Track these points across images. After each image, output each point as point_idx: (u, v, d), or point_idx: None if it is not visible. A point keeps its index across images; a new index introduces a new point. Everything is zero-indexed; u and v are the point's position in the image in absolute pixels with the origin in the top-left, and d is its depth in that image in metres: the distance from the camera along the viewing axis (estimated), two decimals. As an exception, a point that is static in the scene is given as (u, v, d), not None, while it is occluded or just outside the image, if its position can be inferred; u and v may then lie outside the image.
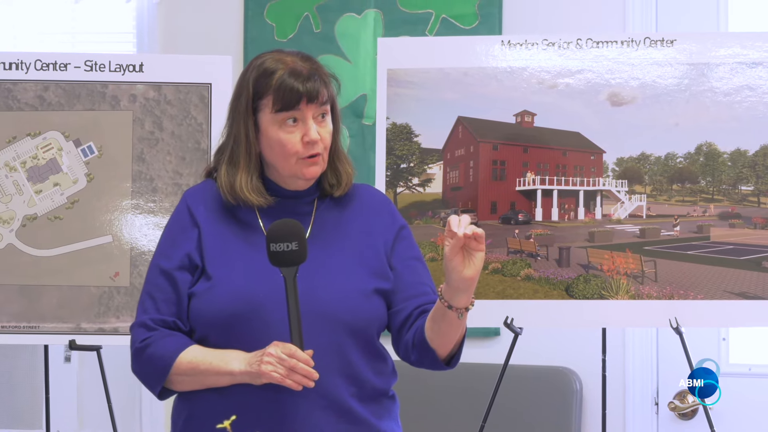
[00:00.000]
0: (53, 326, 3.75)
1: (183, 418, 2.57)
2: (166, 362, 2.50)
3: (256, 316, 2.46)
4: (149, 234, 3.77)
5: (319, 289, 2.49)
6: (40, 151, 3.79)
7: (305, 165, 2.54)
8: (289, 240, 2.42)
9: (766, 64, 3.63)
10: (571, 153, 3.72)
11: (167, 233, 2.62)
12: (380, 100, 3.74)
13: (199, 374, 2.50)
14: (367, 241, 2.59)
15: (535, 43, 3.71)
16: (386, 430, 2.57)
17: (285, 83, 2.52)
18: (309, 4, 4.58)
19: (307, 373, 2.39)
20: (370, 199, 2.67)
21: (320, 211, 2.61)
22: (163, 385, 2.53)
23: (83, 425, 4.69)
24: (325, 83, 2.55)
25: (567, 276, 3.67)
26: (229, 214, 2.59)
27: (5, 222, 3.77)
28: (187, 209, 2.61)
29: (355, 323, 2.50)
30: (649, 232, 3.69)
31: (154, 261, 2.60)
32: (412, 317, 2.54)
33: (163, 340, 2.52)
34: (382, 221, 2.63)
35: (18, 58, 3.81)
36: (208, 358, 2.49)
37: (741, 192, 3.68)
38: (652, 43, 3.67)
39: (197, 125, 3.81)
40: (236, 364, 2.46)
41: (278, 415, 2.46)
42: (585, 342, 4.16)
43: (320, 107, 2.54)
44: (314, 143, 2.53)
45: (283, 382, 2.40)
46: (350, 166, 2.63)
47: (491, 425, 3.71)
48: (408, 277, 2.58)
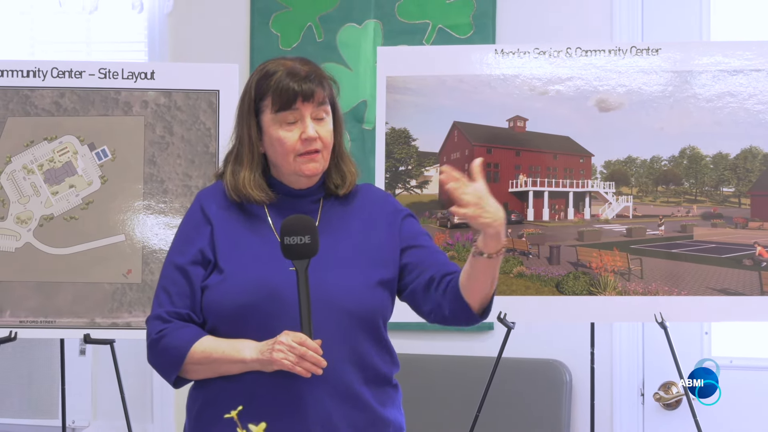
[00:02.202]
0: (69, 321, 3.74)
1: (198, 406, 2.58)
2: (181, 352, 2.51)
3: (267, 306, 2.48)
4: (160, 233, 3.77)
5: (328, 280, 2.50)
6: (56, 155, 3.79)
7: (304, 162, 2.55)
8: (302, 234, 2.43)
9: (747, 71, 3.63)
10: (561, 156, 3.71)
11: (181, 231, 2.64)
12: (380, 106, 3.74)
13: (212, 363, 2.51)
14: (371, 234, 2.60)
15: (527, 51, 3.70)
16: (390, 417, 2.58)
17: (282, 83, 2.54)
18: (312, 15, 4.58)
19: (316, 361, 2.40)
20: (372, 195, 2.69)
21: (326, 209, 2.62)
22: (177, 374, 2.54)
23: (97, 415, 4.69)
24: (322, 85, 2.56)
25: (557, 273, 3.67)
26: (239, 212, 2.61)
27: (23, 222, 3.76)
28: (200, 208, 2.63)
29: (361, 313, 2.51)
30: (636, 232, 3.69)
31: (169, 257, 2.61)
32: (438, 277, 2.55)
33: (177, 332, 2.53)
34: (385, 213, 2.64)
35: (36, 66, 3.81)
36: (221, 347, 2.50)
37: (722, 193, 3.68)
38: (638, 51, 3.67)
39: (206, 130, 3.80)
40: (248, 353, 2.47)
41: (288, 402, 2.47)
42: (574, 336, 4.16)
43: (318, 107, 2.55)
44: (312, 140, 2.53)
45: (293, 369, 2.41)
46: (354, 166, 2.65)
47: (485, 414, 3.71)
48: (426, 252, 2.60)
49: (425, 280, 2.56)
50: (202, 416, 2.57)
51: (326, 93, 2.57)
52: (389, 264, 2.58)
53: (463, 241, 3.72)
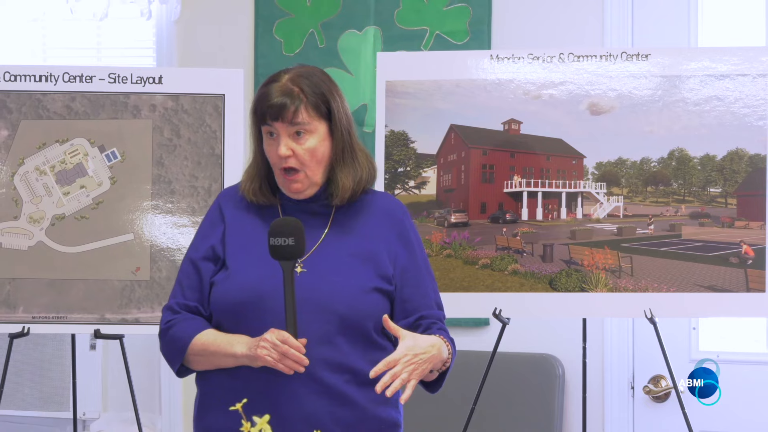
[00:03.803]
0: (80, 317, 3.74)
1: (199, 395, 2.62)
2: (184, 343, 2.54)
3: (259, 305, 2.49)
4: (168, 232, 3.77)
5: (323, 282, 2.50)
6: (67, 156, 3.79)
7: (286, 182, 2.56)
8: (286, 236, 2.43)
9: (733, 76, 3.63)
10: (554, 158, 3.71)
11: (200, 228, 2.68)
12: (379, 110, 3.73)
13: (209, 355, 2.53)
14: (374, 243, 2.59)
15: (521, 57, 3.70)
16: (384, 415, 2.56)
17: (257, 99, 2.56)
18: (314, 22, 4.58)
19: (298, 359, 2.41)
20: (385, 206, 2.66)
21: (338, 214, 2.61)
22: (181, 364, 2.57)
23: (107, 407, 4.69)
24: (297, 103, 2.52)
25: (550, 270, 3.67)
26: (254, 214, 2.62)
27: (36, 221, 3.76)
28: (218, 206, 2.66)
29: (349, 316, 2.49)
30: (626, 231, 3.68)
31: (187, 252, 2.66)
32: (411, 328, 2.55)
33: (183, 323, 2.56)
34: (390, 227, 2.62)
35: (48, 71, 3.81)
36: (218, 340, 2.52)
37: (710, 194, 3.68)
38: (628, 57, 3.67)
39: (212, 132, 3.80)
40: (239, 348, 2.48)
41: (276, 397, 2.47)
42: (567, 331, 4.16)
43: (291, 125, 2.52)
44: (281, 158, 2.53)
45: (276, 366, 2.42)
46: (349, 178, 2.58)
47: (481, 406, 3.71)
48: (409, 289, 2.58)
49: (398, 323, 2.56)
50: (202, 405, 2.60)
51: (308, 110, 2.53)
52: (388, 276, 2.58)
53: (459, 240, 3.72)
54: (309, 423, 2.44)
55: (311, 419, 2.45)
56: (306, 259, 2.54)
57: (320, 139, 2.55)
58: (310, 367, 2.44)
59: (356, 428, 2.51)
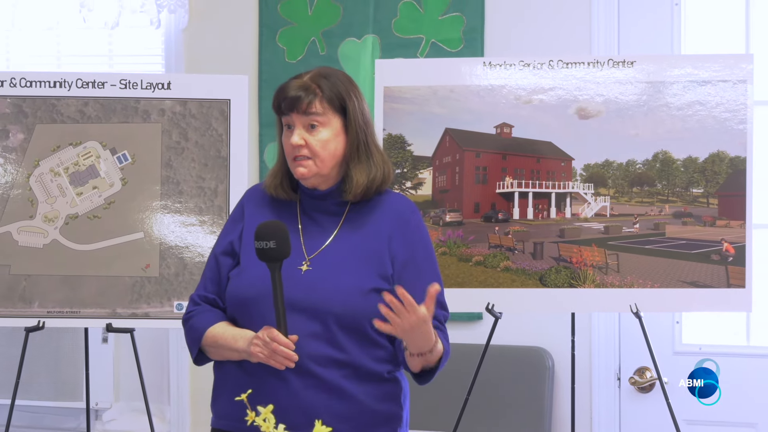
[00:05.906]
0: (92, 311, 3.74)
1: (215, 381, 2.63)
2: (199, 333, 2.56)
3: (267, 300, 2.47)
4: (176, 230, 3.77)
5: (323, 283, 2.49)
6: (80, 159, 3.79)
7: (295, 166, 2.55)
8: (268, 239, 2.42)
9: (715, 82, 3.63)
10: (544, 160, 3.71)
11: (226, 224, 2.68)
12: (377, 114, 3.73)
13: (218, 347, 2.54)
14: (379, 242, 2.56)
15: (513, 64, 3.70)
16: (383, 410, 2.54)
17: (276, 92, 2.56)
18: (315, 30, 4.57)
19: (287, 356, 2.41)
20: (395, 206, 2.62)
21: (350, 213, 2.59)
22: (198, 352, 2.59)
23: (118, 397, 4.69)
24: (312, 95, 2.52)
25: (541, 267, 3.67)
26: (273, 211, 2.60)
27: (50, 220, 3.76)
28: (241, 204, 2.67)
29: (345, 316, 2.47)
30: (613, 229, 3.69)
31: (213, 246, 2.66)
32: None
33: (201, 315, 2.57)
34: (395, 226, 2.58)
35: (62, 78, 3.81)
36: (225, 335, 2.53)
37: (692, 194, 3.68)
38: (614, 64, 3.67)
39: (218, 136, 3.80)
40: (241, 343, 2.49)
41: (277, 391, 2.47)
42: (556, 325, 4.16)
43: (306, 116, 2.52)
44: (294, 147, 2.52)
45: (268, 362, 2.43)
46: (363, 175, 2.55)
47: (474, 397, 3.71)
48: (406, 286, 2.49)
49: None
50: (216, 391, 2.62)
51: (322, 103, 2.53)
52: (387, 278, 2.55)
53: (454, 238, 3.72)
54: (307, 416, 2.42)
55: (309, 412, 2.44)
56: (314, 257, 2.53)
57: (334, 133, 2.54)
58: (309, 363, 2.44)
59: (354, 422, 2.50)
